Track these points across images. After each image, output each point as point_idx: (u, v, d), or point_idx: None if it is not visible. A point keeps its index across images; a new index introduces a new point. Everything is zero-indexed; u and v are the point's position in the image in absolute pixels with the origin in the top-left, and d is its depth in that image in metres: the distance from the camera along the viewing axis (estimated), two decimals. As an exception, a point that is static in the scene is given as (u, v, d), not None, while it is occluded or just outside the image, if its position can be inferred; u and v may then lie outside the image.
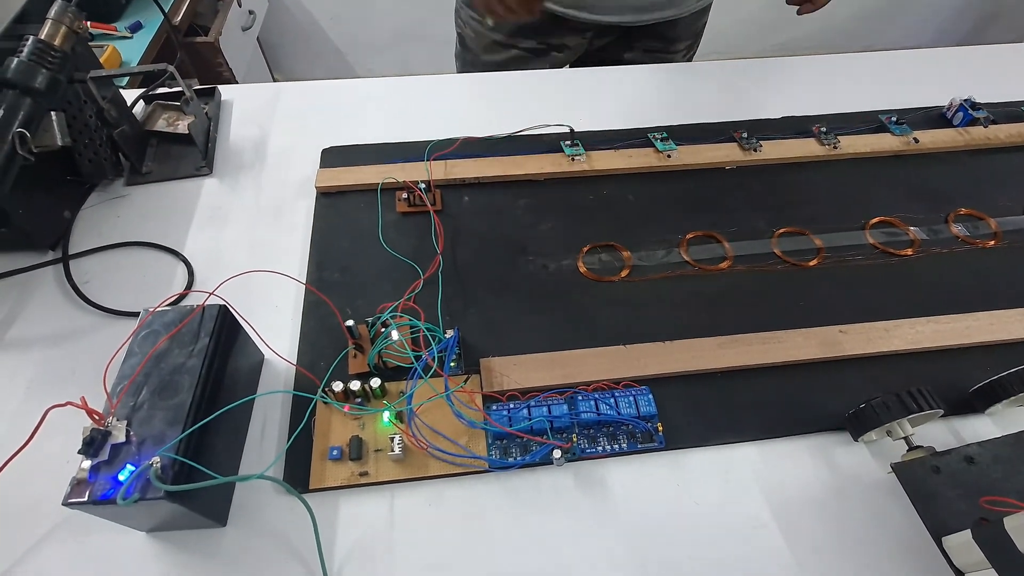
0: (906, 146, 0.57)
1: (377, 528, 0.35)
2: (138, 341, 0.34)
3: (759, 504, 0.36)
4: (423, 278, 0.45)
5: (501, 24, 0.70)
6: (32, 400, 0.40)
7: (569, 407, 0.38)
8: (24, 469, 0.33)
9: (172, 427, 0.31)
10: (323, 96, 0.64)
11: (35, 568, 0.33)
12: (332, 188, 0.52)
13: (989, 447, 0.33)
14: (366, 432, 0.37)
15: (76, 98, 0.47)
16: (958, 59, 0.71)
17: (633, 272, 0.47)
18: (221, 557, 0.34)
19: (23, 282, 0.46)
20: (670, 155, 0.55)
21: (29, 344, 0.43)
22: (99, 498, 0.28)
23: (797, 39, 1.91)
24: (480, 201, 0.52)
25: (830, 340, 0.42)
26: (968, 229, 0.51)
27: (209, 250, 0.49)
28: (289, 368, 0.42)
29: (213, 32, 1.25)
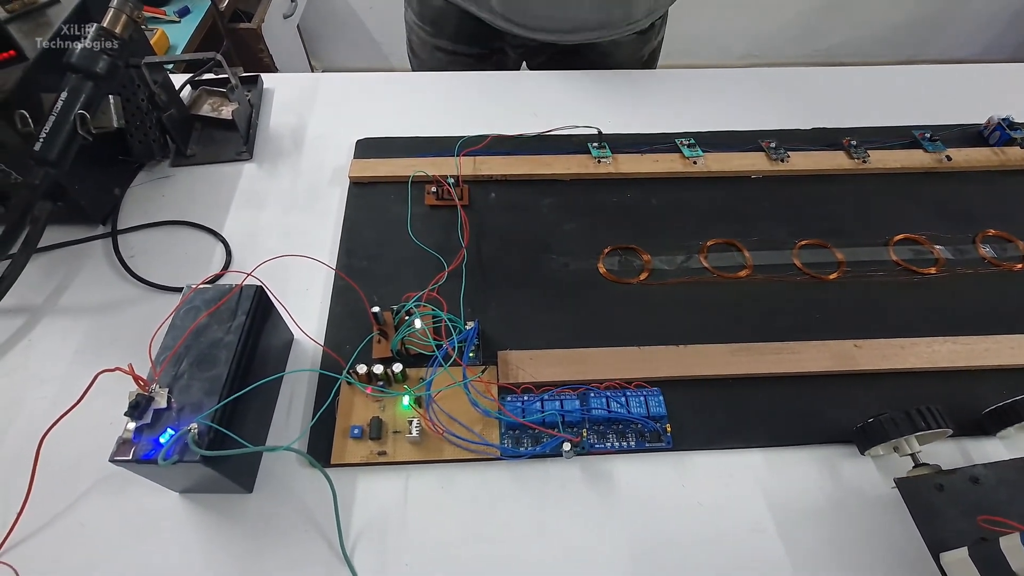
0: (938, 163, 0.56)
1: (391, 505, 0.37)
2: (180, 315, 0.36)
3: (761, 509, 0.37)
4: (447, 270, 0.47)
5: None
6: (79, 364, 0.43)
7: (581, 403, 0.39)
8: (71, 427, 0.36)
9: (209, 397, 0.33)
10: (360, 88, 0.66)
11: (77, 519, 0.36)
12: (364, 179, 0.54)
13: (995, 469, 0.34)
14: (386, 414, 0.39)
15: (130, 82, 0.50)
16: (1000, 76, 0.69)
17: (652, 275, 0.48)
18: (246, 521, 0.36)
19: (75, 253, 0.49)
20: (696, 161, 0.56)
21: (79, 312, 0.46)
22: (142, 457, 0.30)
23: (839, 45, 1.87)
24: (506, 198, 0.54)
25: (844, 354, 0.43)
26: (996, 251, 0.51)
27: (246, 232, 0.51)
28: (316, 349, 0.44)
29: (256, 19, 1.28)
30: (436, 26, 0.71)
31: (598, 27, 0.67)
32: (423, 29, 0.73)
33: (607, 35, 0.68)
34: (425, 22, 0.72)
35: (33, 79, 0.43)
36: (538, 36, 0.67)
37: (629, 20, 0.67)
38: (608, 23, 0.67)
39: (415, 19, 0.73)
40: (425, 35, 0.73)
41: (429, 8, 0.70)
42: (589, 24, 0.66)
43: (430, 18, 0.71)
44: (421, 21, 0.72)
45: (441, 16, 0.69)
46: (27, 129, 0.41)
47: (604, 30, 0.67)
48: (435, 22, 0.71)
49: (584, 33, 0.67)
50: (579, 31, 0.67)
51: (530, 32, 0.66)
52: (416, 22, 0.73)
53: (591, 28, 0.67)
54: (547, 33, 0.67)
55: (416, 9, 0.72)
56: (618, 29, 0.68)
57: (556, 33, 0.67)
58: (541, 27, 0.66)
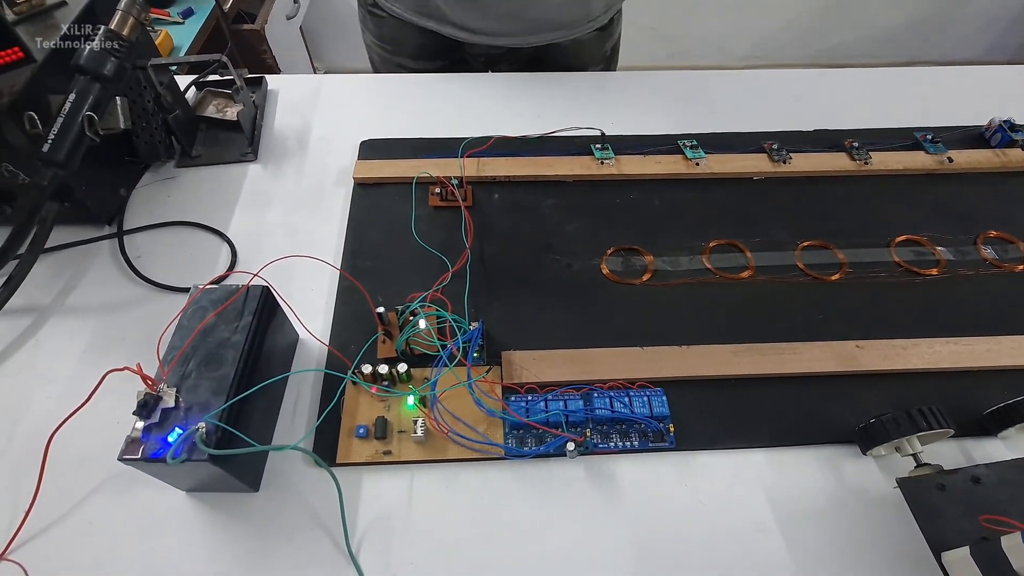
0: (939, 165, 0.57)
1: (396, 504, 0.37)
2: (188, 316, 0.37)
3: (764, 509, 0.37)
4: (451, 271, 0.47)
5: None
6: (86, 364, 0.43)
7: (585, 403, 0.40)
8: (78, 427, 0.36)
9: (216, 396, 0.33)
10: (363, 89, 0.66)
11: (86, 517, 0.37)
12: (369, 179, 0.55)
13: (997, 469, 0.34)
14: (391, 414, 0.40)
15: (136, 83, 0.51)
16: (1001, 78, 0.69)
17: (655, 276, 0.49)
18: (252, 520, 0.36)
19: (82, 253, 0.50)
20: (699, 163, 0.56)
21: (85, 312, 0.46)
22: (150, 456, 0.31)
23: (841, 46, 1.88)
24: (510, 199, 0.54)
25: (846, 354, 0.43)
26: (997, 252, 0.51)
27: (251, 232, 0.52)
28: (322, 349, 0.44)
29: (259, 20, 1.29)
30: (395, 44, 0.72)
31: (559, 27, 0.67)
32: (383, 48, 0.73)
33: (569, 34, 0.68)
34: (384, 41, 0.72)
35: (41, 81, 0.43)
36: (500, 42, 0.67)
37: (589, 17, 0.67)
38: (569, 22, 0.67)
39: (373, 39, 0.74)
40: (386, 54, 0.74)
41: (386, 27, 0.70)
42: (550, 24, 0.66)
43: (389, 37, 0.71)
44: (380, 41, 0.73)
45: (399, 34, 0.70)
46: (35, 130, 0.41)
47: (565, 29, 0.67)
48: (394, 40, 0.71)
49: (546, 34, 0.67)
50: (540, 32, 0.67)
51: (491, 39, 0.66)
52: (375, 42, 0.74)
53: (552, 28, 0.66)
54: (509, 38, 0.67)
55: (373, 30, 0.72)
56: (579, 27, 0.68)
57: (518, 36, 0.67)
58: (502, 32, 0.66)
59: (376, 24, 0.71)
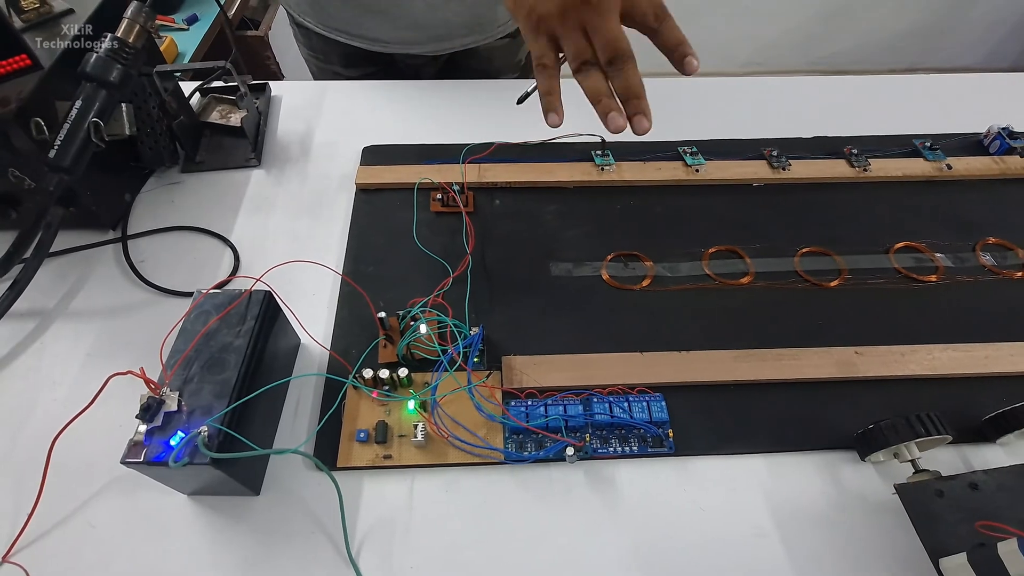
0: (938, 172, 0.57)
1: (397, 508, 0.37)
2: (191, 320, 0.37)
3: (763, 514, 0.37)
4: (452, 276, 0.47)
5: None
6: (90, 367, 0.44)
7: (584, 408, 0.40)
8: (81, 430, 0.36)
9: (219, 400, 0.33)
10: (366, 95, 0.67)
11: (88, 520, 0.37)
12: (371, 185, 0.55)
13: (995, 475, 0.34)
14: (391, 418, 0.40)
15: (141, 90, 0.51)
16: (1000, 86, 0.70)
17: (655, 282, 0.49)
18: (254, 523, 0.37)
19: (86, 258, 0.50)
20: (698, 169, 0.56)
21: (89, 316, 0.47)
22: (153, 459, 0.31)
23: (841, 53, 1.89)
24: (511, 205, 0.54)
25: (846, 360, 0.43)
26: (996, 259, 0.51)
27: (254, 237, 0.52)
28: (323, 353, 0.44)
29: (263, 26, 1.30)
30: (325, 54, 0.74)
31: (468, 32, 0.68)
32: (316, 58, 0.75)
33: (480, 40, 0.69)
34: (315, 52, 0.74)
35: (48, 87, 0.44)
36: (415, 50, 0.68)
37: (498, 23, 0.68)
38: (476, 26, 0.68)
39: (306, 50, 0.76)
40: (320, 62, 0.76)
41: (314, 39, 0.72)
42: (459, 30, 0.67)
43: (318, 48, 0.73)
44: (311, 51, 0.75)
45: (325, 46, 0.72)
46: (42, 136, 0.42)
47: (475, 35, 0.68)
48: (323, 51, 0.73)
49: (456, 40, 0.68)
50: (451, 38, 0.68)
51: (406, 47, 0.68)
52: (309, 53, 0.76)
53: (462, 35, 0.68)
54: (421, 46, 0.68)
55: (304, 42, 0.75)
56: (488, 33, 0.69)
57: (430, 44, 0.68)
58: (415, 40, 0.67)
59: (305, 36, 0.73)
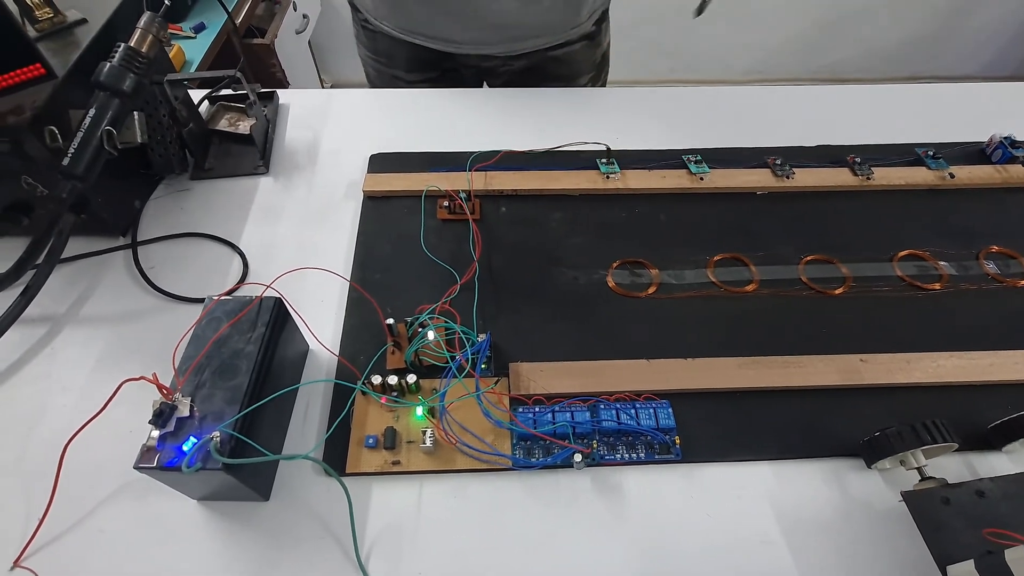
0: (941, 180, 0.57)
1: (405, 514, 0.38)
2: (202, 326, 0.37)
3: (769, 521, 0.38)
4: (460, 283, 0.48)
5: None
6: (100, 373, 0.44)
7: (591, 415, 0.40)
8: (92, 435, 0.37)
9: (230, 406, 0.34)
10: (373, 103, 0.67)
11: (99, 524, 0.37)
12: (378, 193, 0.56)
13: (1001, 483, 0.34)
14: (400, 424, 0.40)
15: (153, 98, 0.52)
16: (1002, 95, 0.70)
17: (660, 289, 0.49)
18: (263, 528, 0.37)
19: (97, 264, 0.51)
20: (703, 178, 0.57)
21: (99, 321, 0.47)
22: (165, 465, 0.31)
23: (842, 62, 1.89)
24: (517, 212, 0.55)
25: (850, 368, 0.44)
26: (999, 267, 0.52)
27: (262, 244, 0.53)
28: (331, 359, 0.45)
29: (269, 34, 1.31)
30: (388, 57, 0.73)
31: (541, 33, 0.67)
32: (377, 61, 0.75)
33: (552, 41, 0.69)
34: (378, 55, 0.74)
35: (62, 96, 0.44)
36: (487, 51, 0.68)
37: (573, 24, 0.68)
38: (551, 27, 0.67)
39: (367, 53, 0.76)
40: (380, 66, 0.75)
41: (379, 42, 0.72)
42: (533, 31, 0.67)
43: (382, 51, 0.73)
44: (374, 54, 0.75)
45: (391, 48, 0.72)
46: (55, 144, 0.42)
47: (549, 36, 0.68)
48: (387, 54, 0.73)
49: (530, 41, 0.68)
50: (526, 39, 0.68)
51: (478, 48, 0.68)
52: (369, 56, 0.76)
53: (535, 35, 0.67)
54: (494, 46, 0.68)
55: (367, 44, 0.74)
56: (563, 34, 0.69)
57: (503, 45, 0.68)
58: (488, 41, 0.67)
59: (369, 38, 0.73)
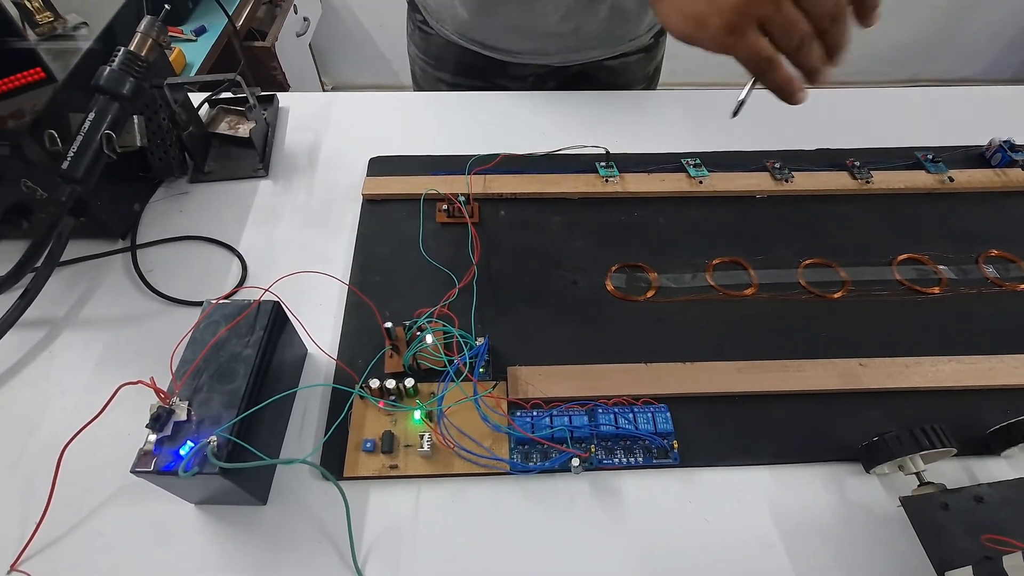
0: (940, 184, 0.57)
1: (403, 518, 0.38)
2: (200, 330, 0.37)
3: (768, 526, 0.37)
4: (458, 287, 0.48)
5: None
6: (99, 376, 0.44)
7: (589, 419, 0.40)
8: (90, 438, 0.37)
9: (228, 410, 0.34)
10: (372, 107, 0.67)
11: (96, 528, 0.37)
12: (377, 196, 0.56)
13: (1000, 488, 0.34)
14: (398, 428, 0.40)
15: (152, 102, 0.52)
16: (1002, 99, 0.70)
17: (659, 293, 0.49)
18: (260, 532, 0.37)
19: (95, 267, 0.51)
20: (702, 181, 0.57)
21: (98, 324, 0.47)
22: (162, 469, 0.31)
23: (842, 66, 1.89)
24: (516, 216, 0.55)
25: (849, 372, 0.43)
26: (999, 271, 0.51)
27: (261, 247, 0.53)
28: (329, 363, 0.45)
29: (270, 37, 1.31)
30: (439, 60, 0.73)
31: (601, 44, 0.68)
32: (426, 63, 0.75)
33: (610, 52, 0.69)
34: (429, 56, 0.74)
35: (62, 100, 0.44)
36: (544, 60, 0.68)
37: (632, 36, 0.69)
38: (609, 39, 0.68)
39: (418, 53, 0.75)
40: (428, 68, 0.75)
41: (432, 44, 0.72)
42: (590, 43, 0.67)
43: (434, 53, 0.73)
44: (425, 55, 0.74)
45: (444, 52, 0.71)
46: (55, 148, 0.42)
47: (606, 48, 0.68)
48: (438, 56, 0.73)
49: (586, 52, 0.68)
50: (580, 50, 0.68)
51: (535, 58, 0.68)
52: (419, 55, 0.75)
53: (594, 46, 0.68)
54: (550, 56, 0.68)
55: (420, 44, 0.74)
56: (622, 45, 0.69)
57: (559, 55, 0.68)
58: (546, 51, 0.67)
59: (423, 39, 0.73)
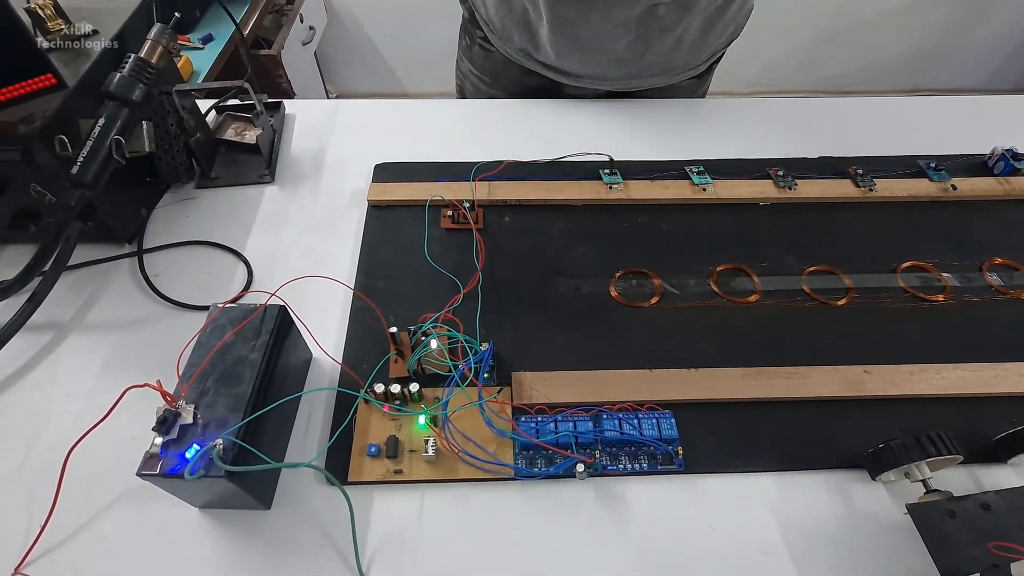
0: (943, 192, 0.57)
1: (407, 523, 0.37)
2: (207, 334, 0.38)
3: (773, 533, 0.37)
4: (463, 292, 0.48)
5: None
6: (104, 379, 0.44)
7: (594, 424, 0.40)
8: (94, 442, 0.37)
9: (234, 413, 0.34)
10: (377, 114, 0.68)
11: (100, 532, 0.37)
12: (382, 202, 0.56)
13: (1007, 496, 0.34)
14: (402, 433, 0.40)
15: (161, 108, 0.52)
16: (1004, 108, 0.70)
17: (663, 299, 0.49)
18: (264, 537, 0.37)
19: (102, 271, 0.51)
20: (705, 188, 0.57)
21: (104, 328, 0.47)
22: (168, 472, 0.31)
23: (844, 74, 1.90)
24: (520, 222, 0.55)
25: (854, 379, 0.43)
26: (1003, 279, 0.51)
27: (267, 252, 0.53)
28: (333, 367, 0.45)
29: (276, 46, 1.32)
30: (495, 78, 0.72)
31: (662, 72, 0.68)
32: (481, 79, 0.74)
33: (668, 80, 0.69)
34: (484, 73, 0.73)
35: (72, 106, 0.45)
36: (602, 86, 0.69)
37: (692, 65, 0.69)
38: (670, 68, 0.68)
39: (472, 69, 0.74)
40: (483, 85, 0.74)
41: (492, 62, 0.71)
42: (651, 70, 0.67)
43: (491, 71, 0.72)
44: (480, 72, 0.73)
45: (503, 70, 0.71)
46: (65, 153, 0.43)
47: (666, 75, 0.68)
48: (496, 74, 0.72)
49: (647, 79, 0.68)
50: (643, 77, 0.68)
51: (594, 83, 0.68)
52: (473, 71, 0.74)
53: (653, 74, 0.68)
54: (612, 82, 0.68)
55: (477, 62, 0.73)
56: (680, 74, 0.69)
57: (620, 81, 0.68)
58: (607, 77, 0.67)
59: (482, 56, 0.72)
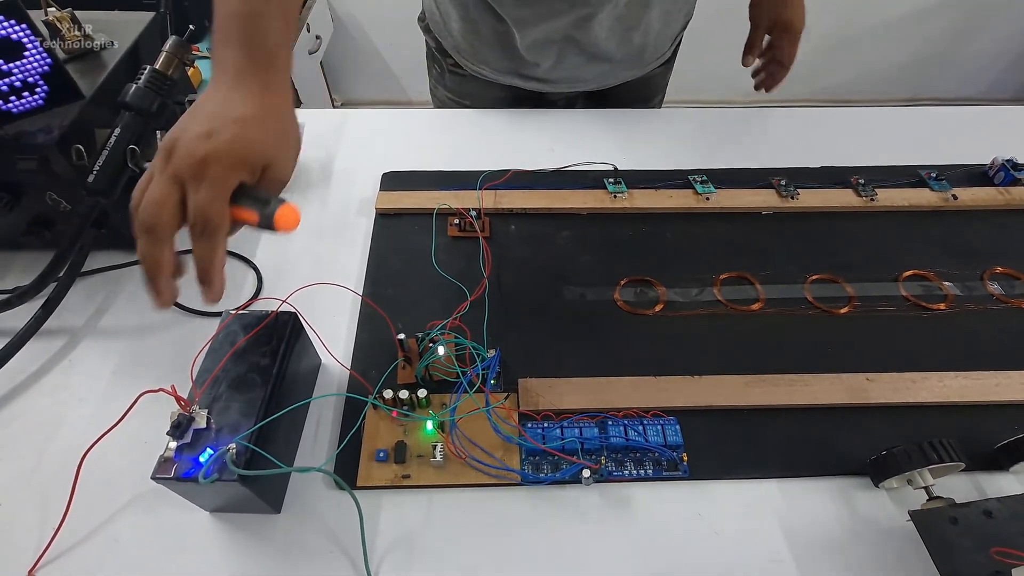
0: (944, 202, 0.58)
1: (415, 527, 0.38)
2: (220, 339, 0.38)
3: (778, 539, 0.38)
4: (470, 299, 0.49)
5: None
6: (117, 385, 0.45)
7: (600, 431, 0.41)
8: (107, 446, 0.37)
9: (246, 418, 0.34)
10: (385, 123, 0.69)
11: (112, 535, 0.38)
12: (390, 210, 0.57)
13: (1009, 503, 0.34)
14: (410, 438, 0.41)
15: (174, 117, 0.53)
16: (1004, 118, 0.71)
17: (667, 307, 0.50)
18: (274, 541, 0.37)
19: (114, 278, 0.52)
20: (709, 198, 0.58)
21: (117, 334, 0.48)
22: (182, 476, 0.32)
23: (845, 84, 1.91)
24: (526, 230, 0.56)
25: (856, 387, 0.44)
26: (1004, 287, 0.52)
27: (276, 259, 0.54)
28: (342, 373, 0.45)
29: (282, 55, 1.34)
30: (474, 99, 0.74)
31: (633, 67, 0.70)
32: (459, 103, 0.75)
33: (640, 72, 0.72)
34: (463, 96, 0.74)
35: (89, 116, 0.46)
36: (579, 87, 0.71)
37: (659, 53, 0.71)
38: (642, 62, 0.70)
39: (449, 95, 0.75)
40: (460, 107, 0.75)
41: (468, 85, 0.72)
42: (624, 66, 0.70)
43: (468, 93, 0.73)
44: (459, 96, 0.75)
45: (480, 90, 0.72)
46: (81, 162, 0.44)
47: (639, 69, 0.71)
48: (474, 95, 0.73)
49: (623, 73, 0.71)
50: (618, 72, 0.70)
51: (573, 86, 0.71)
52: (451, 97, 0.75)
53: (627, 69, 0.70)
54: (586, 83, 0.71)
55: (452, 87, 0.74)
56: (649, 65, 0.72)
57: (597, 80, 0.70)
58: (581, 77, 0.70)
59: (456, 82, 0.73)
